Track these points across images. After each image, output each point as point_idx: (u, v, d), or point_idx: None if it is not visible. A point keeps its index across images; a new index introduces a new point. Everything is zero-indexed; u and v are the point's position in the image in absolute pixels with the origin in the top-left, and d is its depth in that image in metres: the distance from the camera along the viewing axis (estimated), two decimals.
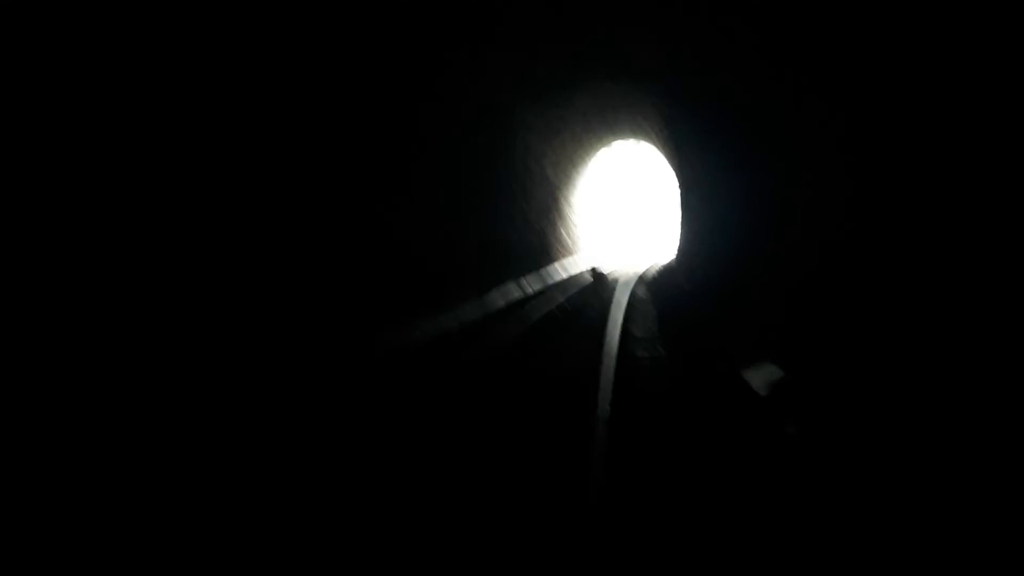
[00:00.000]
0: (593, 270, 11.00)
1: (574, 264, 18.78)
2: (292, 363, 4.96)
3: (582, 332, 8.05)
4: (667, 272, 15.38)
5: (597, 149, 19.70)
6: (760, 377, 3.24)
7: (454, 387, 5.35)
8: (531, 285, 12.92)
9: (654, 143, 17.91)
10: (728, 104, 7.60)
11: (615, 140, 19.33)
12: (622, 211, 35.49)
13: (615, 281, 13.91)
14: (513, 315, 9.20)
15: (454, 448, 3.75)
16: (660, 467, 3.17)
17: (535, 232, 15.31)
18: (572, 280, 14.64)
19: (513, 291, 11.40)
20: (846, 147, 3.32)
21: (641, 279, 14.71)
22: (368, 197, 7.17)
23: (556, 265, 16.40)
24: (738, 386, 4.00)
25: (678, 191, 17.08)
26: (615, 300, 9.18)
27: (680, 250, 15.92)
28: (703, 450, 3.28)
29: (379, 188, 7.42)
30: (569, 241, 19.03)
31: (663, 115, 13.10)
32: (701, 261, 11.19)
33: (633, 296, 11.25)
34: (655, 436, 3.72)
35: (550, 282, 14.69)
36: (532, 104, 12.39)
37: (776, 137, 5.09)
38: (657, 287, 12.41)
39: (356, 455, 3.66)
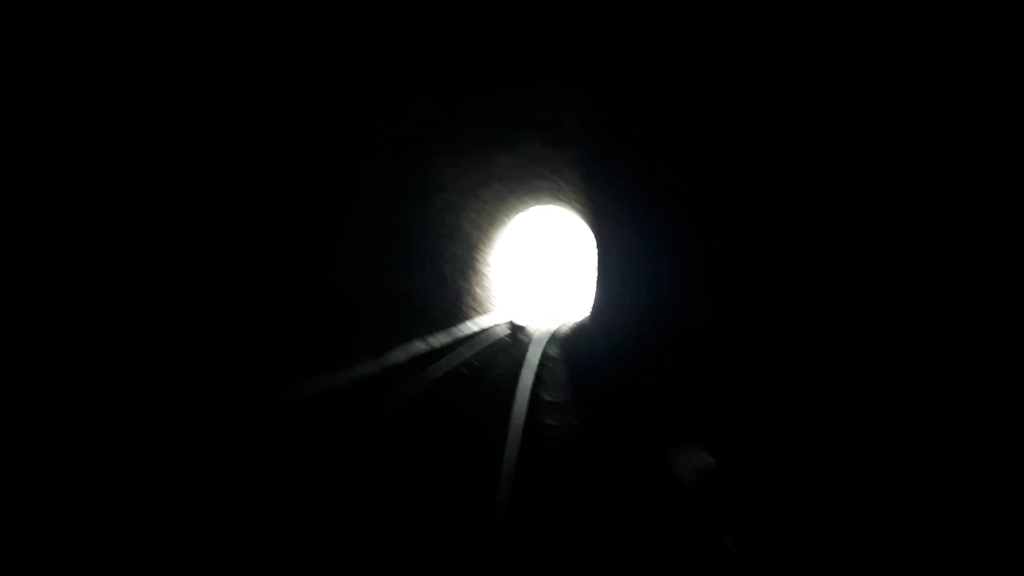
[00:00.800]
0: (511, 323, 10.70)
1: (488, 321, 18.43)
2: (170, 419, 4.47)
3: (489, 392, 7.59)
4: (580, 330, 15.40)
5: (517, 210, 19.86)
6: (687, 465, 2.90)
7: (342, 447, 4.81)
8: (439, 340, 12.35)
9: (573, 207, 18.27)
10: (648, 174, 7.71)
11: (535, 203, 19.60)
12: (539, 271, 35.97)
13: (528, 337, 13.63)
14: (416, 372, 8.59)
15: (332, 511, 3.26)
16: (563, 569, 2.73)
17: (449, 288, 14.88)
18: (483, 336, 14.22)
19: (419, 346, 10.79)
20: (744, 230, 3.45)
21: (554, 337, 14.55)
22: (264, 247, 6.49)
23: (469, 323, 15.96)
24: (660, 474, 3.67)
25: (595, 253, 17.38)
26: (527, 359, 8.82)
27: (594, 309, 16.03)
28: (618, 555, 2.86)
29: (276, 237, 6.76)
30: (484, 297, 18.73)
31: (584, 179, 13.35)
32: (614, 322, 11.20)
33: (545, 356, 10.95)
34: (560, 531, 3.29)
35: (459, 337, 14.19)
36: (454, 160, 12.23)
37: (690, 211, 5.22)
38: (570, 346, 12.24)
39: (237, 514, 3.29)
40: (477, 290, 18.05)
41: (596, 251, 17.05)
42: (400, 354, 9.17)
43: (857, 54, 2.10)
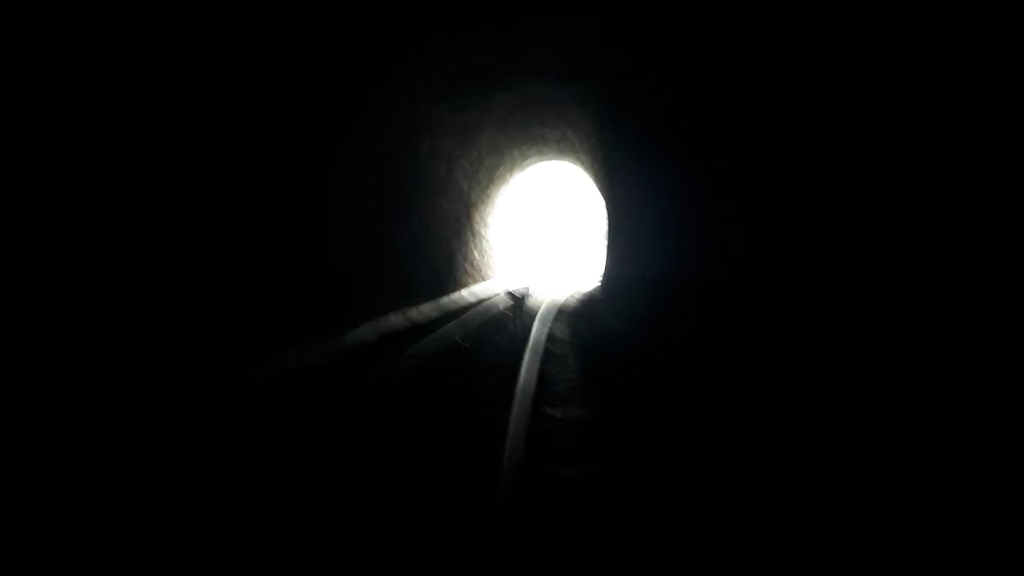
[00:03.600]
0: (510, 295, 8.94)
1: (486, 290, 16.69)
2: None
3: (487, 374, 5.94)
4: (591, 302, 13.60)
5: (520, 165, 17.87)
6: None
7: (306, 432, 4.21)
8: (424, 314, 10.64)
9: (581, 161, 16.29)
10: (668, 128, 6.11)
11: (539, 157, 17.58)
12: (544, 234, 34.06)
13: (533, 311, 11.91)
14: (396, 350, 6.92)
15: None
16: None
17: (442, 250, 13.09)
18: (480, 309, 12.51)
19: (400, 321, 9.08)
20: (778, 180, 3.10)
21: (561, 311, 12.82)
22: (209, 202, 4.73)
23: (464, 291, 14.21)
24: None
25: (606, 214, 15.49)
26: (531, 342, 7.11)
27: (605, 279, 14.23)
28: None
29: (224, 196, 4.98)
30: (482, 262, 16.95)
31: (594, 130, 11.38)
32: (628, 292, 9.44)
33: (551, 335, 9.24)
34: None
35: (452, 309, 12.49)
36: (441, 97, 10.25)
37: (713, 171, 4.56)
38: (580, 322, 10.51)
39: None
40: (475, 254, 16.25)
41: (607, 211, 15.16)
42: (367, 332, 7.46)
43: None
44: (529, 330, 8.91)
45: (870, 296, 2.28)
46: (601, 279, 15.83)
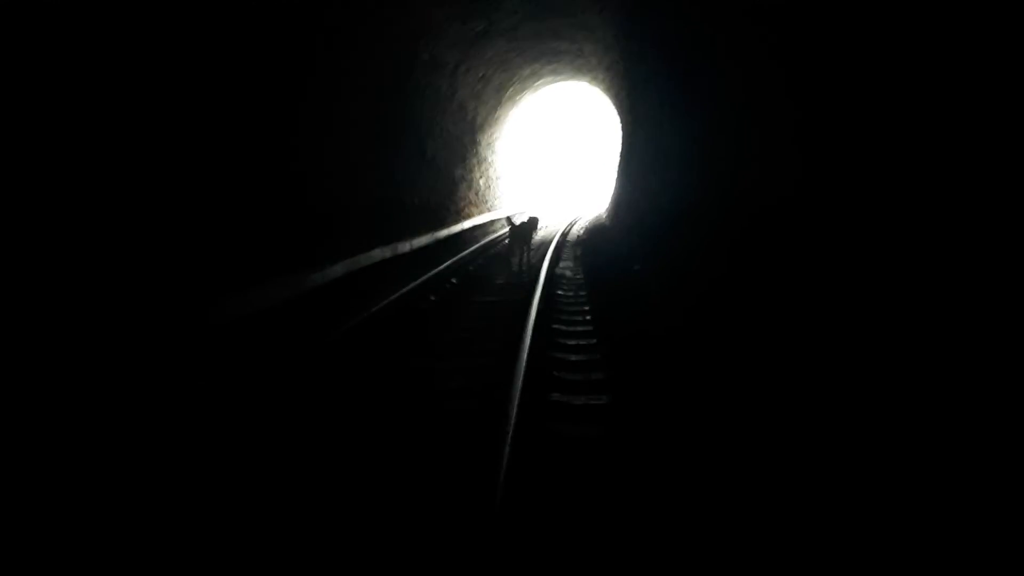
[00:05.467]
0: (513, 226, 8.00)
1: (491, 220, 15.76)
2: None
3: (483, 317, 5.20)
4: (600, 232, 12.66)
5: (530, 84, 16.41)
6: None
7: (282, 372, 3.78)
8: (417, 244, 9.81)
9: (599, 80, 14.86)
10: (694, 51, 5.29)
11: (552, 77, 16.09)
12: (556, 159, 32.57)
13: (540, 245, 11.04)
14: (389, 285, 6.16)
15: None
16: None
17: (442, 177, 12.06)
18: (483, 243, 11.66)
19: (385, 255, 8.28)
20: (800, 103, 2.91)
21: (569, 242, 11.93)
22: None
23: (466, 223, 13.29)
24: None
25: (620, 143, 14.26)
26: (540, 285, 6.28)
27: (615, 204, 13.22)
28: None
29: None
30: (487, 192, 15.90)
31: (615, 36, 10.04)
32: (640, 222, 8.52)
33: (558, 274, 8.43)
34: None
35: (443, 237, 11.68)
36: (443, 3, 8.92)
37: (742, 90, 4.09)
38: (589, 255, 9.65)
39: None
40: (480, 181, 15.19)
41: (622, 133, 13.92)
42: (339, 271, 6.63)
43: None
44: (536, 269, 8.09)
45: (880, 232, 2.12)
46: (610, 206, 14.84)
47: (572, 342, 4.61)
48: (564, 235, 13.54)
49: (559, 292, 6.76)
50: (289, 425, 3.19)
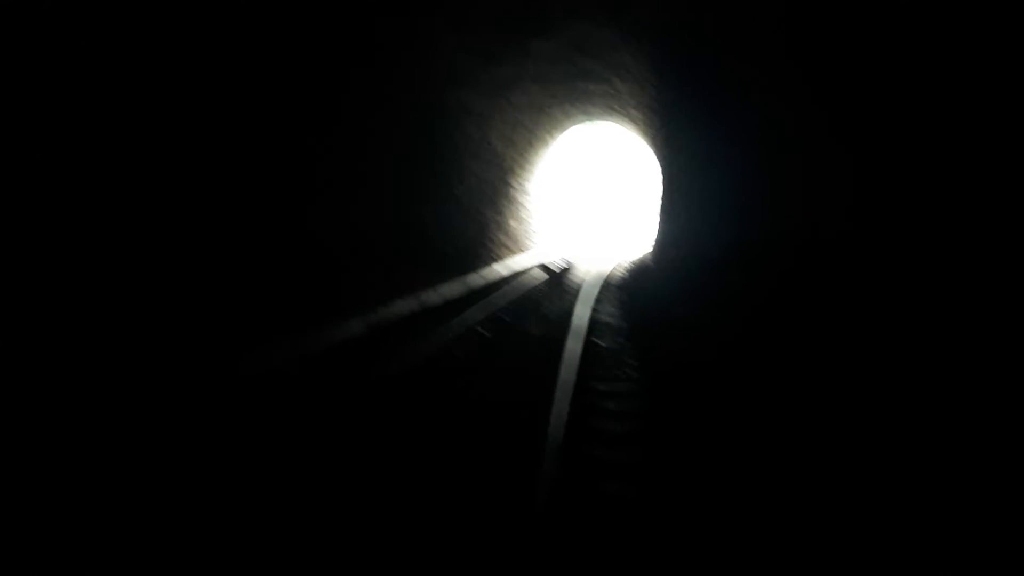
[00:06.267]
0: (546, 269, 7.53)
1: (523, 263, 15.42)
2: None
3: (514, 372, 4.75)
4: (641, 274, 12.12)
5: (563, 125, 16.29)
6: None
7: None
8: (446, 293, 9.49)
9: (633, 119, 14.61)
10: (735, 91, 4.95)
11: (583, 117, 15.95)
12: (591, 201, 32.33)
13: (574, 288, 10.59)
14: (409, 342, 5.80)
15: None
16: None
17: (472, 220, 11.84)
18: (514, 285, 11.29)
19: (410, 306, 7.96)
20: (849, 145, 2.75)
21: (608, 285, 11.44)
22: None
23: (496, 266, 12.98)
24: None
25: (660, 182, 13.86)
26: (571, 329, 5.82)
27: (659, 245, 12.71)
28: None
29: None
30: (520, 233, 15.63)
31: (649, 71, 9.77)
32: (683, 263, 7.99)
33: (595, 319, 7.97)
34: None
35: (480, 287, 11.33)
36: (469, 44, 8.84)
37: (780, 141, 3.89)
38: (630, 298, 9.14)
39: None
40: (511, 223, 14.94)
41: (662, 173, 13.54)
42: (356, 327, 6.30)
43: None
44: (569, 313, 7.63)
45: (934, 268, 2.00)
46: (653, 248, 14.33)
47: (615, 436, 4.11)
48: (605, 279, 13.07)
49: (599, 342, 6.28)
50: None
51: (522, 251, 15.61)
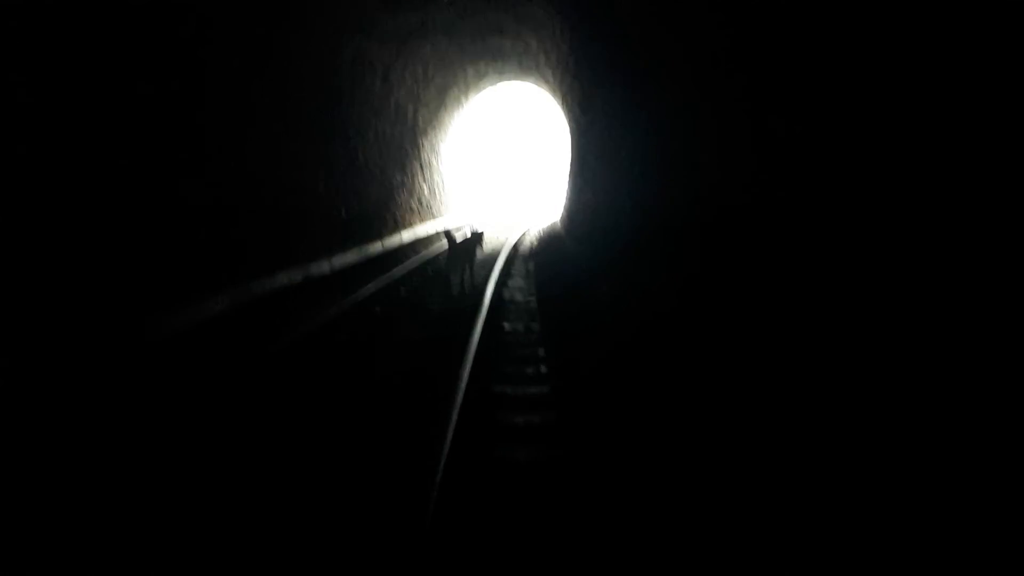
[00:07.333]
0: (449, 238, 6.85)
1: (434, 229, 14.69)
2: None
3: (420, 332, 4.19)
4: (553, 241, 11.76)
5: (475, 86, 15.44)
6: None
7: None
8: (343, 266, 8.70)
9: (547, 80, 14.02)
10: (651, 30, 4.54)
11: (497, 76, 15.16)
12: (505, 163, 31.69)
13: (488, 258, 10.06)
14: (308, 309, 5.07)
15: None
16: None
17: (377, 183, 10.94)
18: (421, 256, 10.59)
19: (289, 280, 7.17)
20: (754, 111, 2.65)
21: (520, 255, 11.01)
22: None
23: (404, 233, 12.19)
24: None
25: (570, 147, 13.45)
26: (484, 306, 5.30)
27: (569, 211, 12.38)
28: None
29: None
30: (431, 199, 14.82)
31: (562, 30, 9.19)
32: (593, 229, 7.68)
33: (505, 296, 7.51)
34: None
35: (380, 256, 10.59)
36: None
37: (697, 90, 3.61)
38: (541, 269, 8.74)
39: None
40: (423, 188, 14.10)
41: (572, 137, 13.13)
42: (221, 305, 5.47)
43: None
44: (480, 288, 7.11)
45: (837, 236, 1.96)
46: (564, 213, 14.02)
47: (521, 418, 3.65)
48: (514, 247, 12.62)
49: (506, 324, 5.81)
50: None
51: (433, 217, 14.85)
